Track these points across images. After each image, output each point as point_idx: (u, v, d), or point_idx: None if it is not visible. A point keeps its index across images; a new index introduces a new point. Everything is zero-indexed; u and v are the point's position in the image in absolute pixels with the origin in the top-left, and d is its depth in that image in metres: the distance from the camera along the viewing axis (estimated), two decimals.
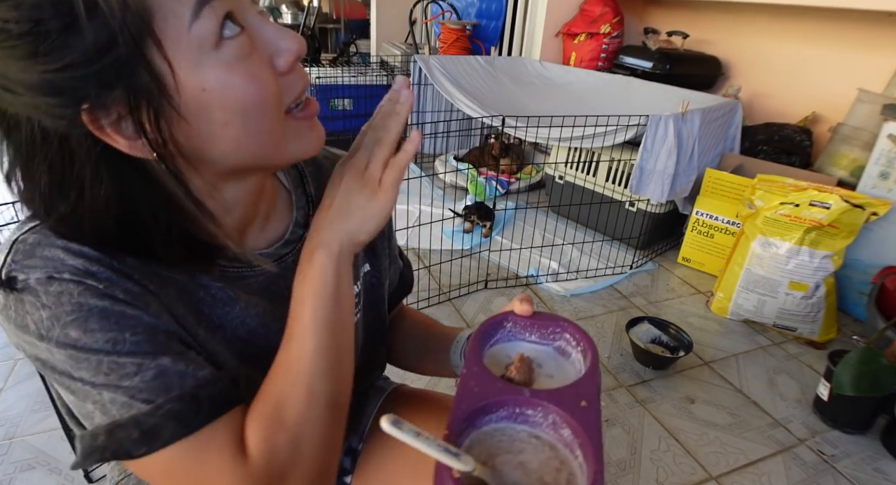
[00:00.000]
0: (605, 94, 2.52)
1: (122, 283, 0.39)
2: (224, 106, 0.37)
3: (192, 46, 0.35)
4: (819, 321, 1.66)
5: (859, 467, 1.25)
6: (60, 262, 0.37)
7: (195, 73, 0.35)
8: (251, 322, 0.48)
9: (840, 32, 2.14)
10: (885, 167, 1.72)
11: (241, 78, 0.37)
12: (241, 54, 0.37)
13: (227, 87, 0.36)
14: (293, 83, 0.41)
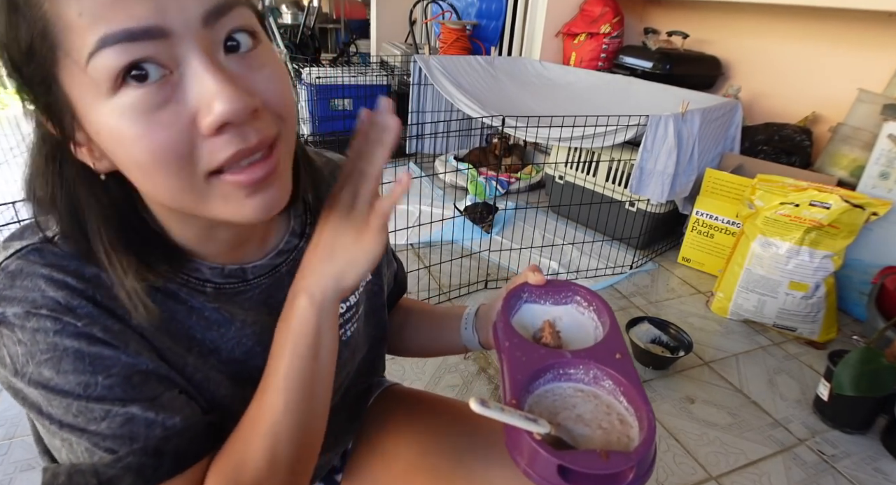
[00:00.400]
0: (605, 94, 2.52)
1: (102, 319, 0.37)
2: (117, 156, 0.34)
3: (89, 84, 0.31)
4: (819, 321, 1.66)
5: (859, 467, 1.25)
6: (41, 294, 0.36)
7: (91, 113, 0.32)
8: (248, 342, 0.47)
9: (840, 32, 2.14)
10: (885, 167, 1.72)
11: (134, 131, 0.31)
12: (144, 106, 0.31)
13: (117, 139, 0.32)
14: (222, 146, 0.33)
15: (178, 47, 0.31)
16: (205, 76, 0.31)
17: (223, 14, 0.32)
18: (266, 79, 0.35)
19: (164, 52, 0.31)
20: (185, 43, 0.31)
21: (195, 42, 0.31)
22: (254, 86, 0.34)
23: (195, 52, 0.31)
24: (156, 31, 0.30)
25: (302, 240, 0.52)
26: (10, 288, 0.36)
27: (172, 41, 0.31)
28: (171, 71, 0.31)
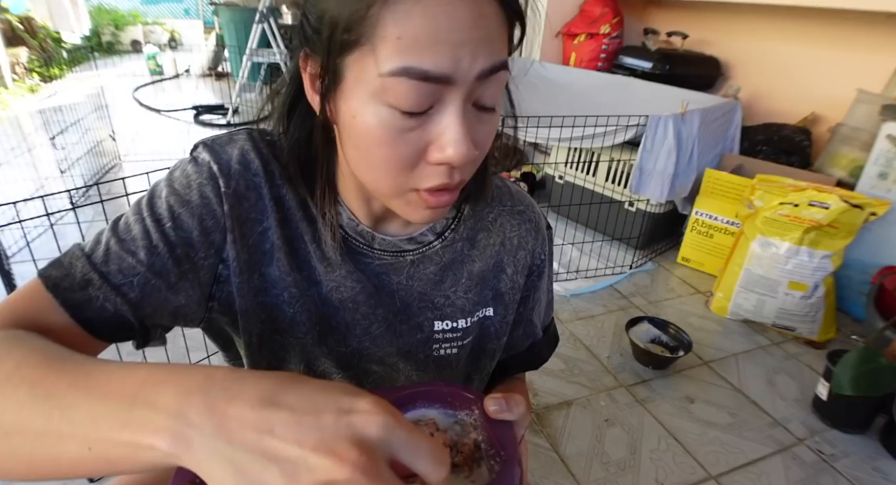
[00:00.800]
0: (605, 94, 2.52)
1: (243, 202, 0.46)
2: (355, 141, 0.40)
3: (370, 82, 0.36)
4: (818, 321, 1.66)
5: (858, 466, 1.26)
6: (230, 157, 0.46)
7: (354, 98, 0.38)
8: (345, 292, 0.50)
9: (839, 33, 2.14)
10: (883, 167, 1.73)
11: (381, 138, 0.37)
12: (400, 127, 0.37)
13: (365, 134, 0.38)
14: (434, 175, 0.39)
15: (449, 92, 0.36)
16: (453, 123, 0.37)
17: (492, 74, 0.37)
18: (486, 136, 0.41)
19: (438, 94, 0.36)
20: (456, 91, 0.36)
21: (463, 91, 0.37)
22: (476, 137, 0.39)
23: (457, 101, 0.37)
24: (445, 79, 0.35)
25: (437, 239, 0.53)
26: (224, 146, 0.47)
27: (449, 88, 0.36)
28: (432, 107, 0.37)
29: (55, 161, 2.56)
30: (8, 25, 4.34)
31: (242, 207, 0.46)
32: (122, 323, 0.41)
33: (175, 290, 0.43)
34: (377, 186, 0.42)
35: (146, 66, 5.11)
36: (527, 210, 0.57)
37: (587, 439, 1.28)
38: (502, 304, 0.57)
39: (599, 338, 1.66)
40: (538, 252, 0.58)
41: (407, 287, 0.52)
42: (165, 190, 0.44)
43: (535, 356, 0.64)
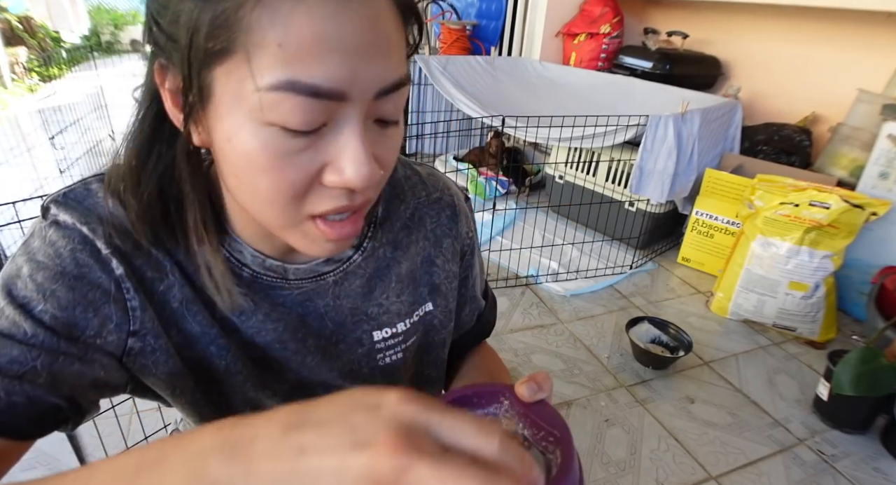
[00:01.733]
0: (605, 94, 2.52)
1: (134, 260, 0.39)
2: (235, 168, 0.34)
3: (247, 100, 0.31)
4: (819, 321, 1.66)
5: (859, 466, 1.25)
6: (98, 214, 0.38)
7: (229, 120, 0.32)
8: (267, 336, 0.46)
9: (840, 33, 2.14)
10: (884, 167, 1.73)
11: (267, 164, 0.32)
12: (289, 149, 0.32)
13: (246, 160, 0.33)
14: (331, 199, 0.35)
15: (344, 109, 0.32)
16: (352, 143, 0.32)
17: (393, 91, 0.33)
18: (390, 152, 0.37)
19: (330, 111, 0.32)
20: (352, 108, 0.32)
21: (360, 109, 0.32)
22: (379, 154, 0.35)
23: (355, 119, 0.32)
24: (338, 95, 0.31)
25: (356, 253, 0.49)
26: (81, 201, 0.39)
27: (343, 104, 0.32)
28: (324, 124, 0.32)
29: (54, 161, 2.56)
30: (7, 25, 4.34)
31: (135, 265, 0.39)
32: (43, 410, 0.36)
33: (87, 361, 0.38)
34: (266, 219, 0.36)
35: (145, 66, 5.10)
36: (443, 195, 0.54)
37: (587, 439, 1.28)
38: (440, 295, 0.55)
39: (599, 338, 1.66)
40: (464, 233, 0.56)
41: (336, 307, 0.49)
42: (26, 267, 0.37)
43: (485, 325, 0.64)
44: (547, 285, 1.92)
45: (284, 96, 0.30)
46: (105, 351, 0.39)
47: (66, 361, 0.37)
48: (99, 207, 0.39)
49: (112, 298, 0.39)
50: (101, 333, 0.38)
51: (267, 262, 0.44)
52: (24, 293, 0.36)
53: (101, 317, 0.38)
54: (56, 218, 0.38)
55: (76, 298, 0.37)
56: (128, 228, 0.39)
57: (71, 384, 0.37)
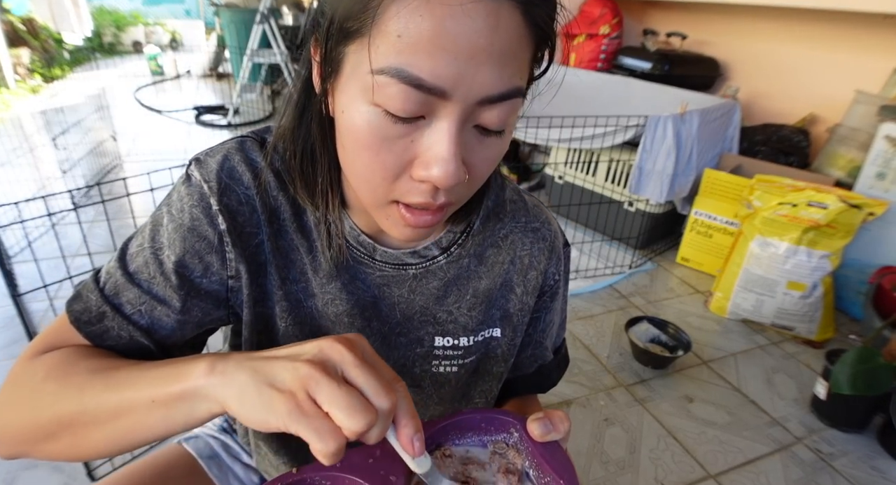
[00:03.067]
0: (605, 94, 2.53)
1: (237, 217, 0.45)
2: (343, 135, 0.38)
3: (362, 78, 0.34)
4: (817, 321, 1.67)
5: (856, 465, 1.26)
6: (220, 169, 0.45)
7: (345, 94, 0.36)
8: (340, 305, 0.48)
9: (837, 34, 2.15)
10: (881, 168, 1.73)
11: (368, 141, 0.35)
12: (388, 133, 0.34)
13: (352, 133, 0.36)
14: (417, 193, 0.37)
15: (444, 107, 0.33)
16: (443, 141, 0.34)
17: (498, 102, 0.34)
18: (484, 161, 0.38)
19: (431, 105, 0.33)
20: (452, 107, 0.33)
21: (460, 109, 0.33)
22: (472, 160, 0.36)
23: (452, 118, 0.33)
24: (440, 93, 0.32)
25: (442, 255, 0.50)
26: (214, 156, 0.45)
27: (444, 102, 0.33)
28: (423, 117, 0.34)
29: (57, 161, 2.57)
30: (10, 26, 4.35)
31: (237, 222, 0.45)
32: (140, 348, 0.44)
33: (184, 311, 0.45)
34: (361, 192, 0.40)
35: (147, 67, 5.12)
36: (542, 228, 0.54)
37: (586, 439, 1.29)
38: (510, 325, 0.54)
39: (599, 338, 1.67)
40: (551, 272, 0.55)
41: (408, 300, 0.50)
42: (166, 217, 0.45)
43: (544, 379, 0.61)
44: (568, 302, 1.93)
45: (391, 81, 0.32)
46: (208, 294, 0.46)
47: (166, 311, 0.44)
48: (227, 164, 0.45)
49: (214, 249, 0.44)
50: (205, 275, 0.45)
51: (361, 236, 0.47)
52: (161, 240, 0.44)
53: (205, 263, 0.45)
54: (191, 174, 0.45)
55: (187, 247, 0.44)
56: (247, 183, 0.45)
57: (167, 329, 0.45)
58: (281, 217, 0.47)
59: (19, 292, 0.96)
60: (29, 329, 1.00)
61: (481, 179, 0.39)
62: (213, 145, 0.47)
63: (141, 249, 0.45)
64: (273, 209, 0.46)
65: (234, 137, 0.48)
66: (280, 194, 0.46)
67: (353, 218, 0.47)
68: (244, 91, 3.72)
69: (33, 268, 1.03)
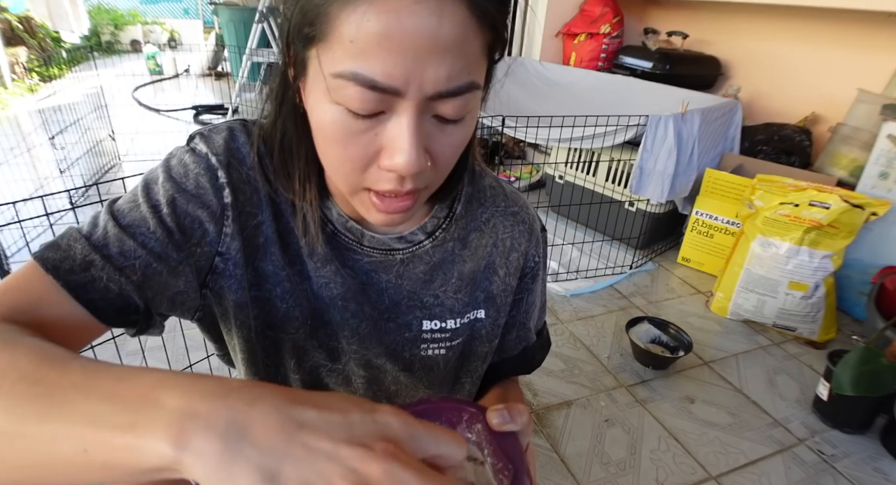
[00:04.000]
0: (605, 94, 2.52)
1: (239, 195, 0.45)
2: (315, 131, 0.40)
3: (322, 80, 0.36)
4: (819, 321, 1.66)
5: (859, 466, 1.26)
6: (226, 147, 0.46)
7: (312, 94, 0.38)
8: (335, 289, 0.50)
9: (840, 33, 2.14)
10: (884, 167, 1.73)
11: (334, 137, 0.38)
12: (351, 129, 0.36)
13: (321, 129, 0.39)
14: (384, 181, 0.39)
15: (400, 103, 0.35)
16: (403, 134, 0.36)
17: (451, 97, 0.36)
18: (447, 147, 0.39)
19: (388, 102, 0.35)
20: (408, 102, 0.35)
21: (415, 106, 0.35)
22: (433, 147, 0.38)
23: (409, 113, 0.35)
24: (394, 91, 0.34)
25: (427, 239, 0.52)
26: (219, 133, 0.47)
27: (400, 98, 0.35)
28: (383, 112, 0.36)
29: (54, 161, 2.56)
30: (7, 25, 4.34)
31: (239, 200, 0.46)
32: (126, 305, 0.40)
33: (175, 274, 0.43)
34: (337, 182, 0.43)
35: (146, 66, 5.11)
36: (521, 211, 0.57)
37: (587, 440, 1.28)
38: (494, 306, 0.56)
39: (599, 338, 1.66)
40: (531, 254, 0.57)
41: (396, 286, 0.52)
42: (162, 176, 0.44)
43: (528, 360, 0.63)
44: (547, 285, 1.92)
45: (347, 84, 0.34)
46: (196, 264, 0.44)
47: (159, 269, 0.42)
48: (232, 143, 0.46)
49: (215, 219, 0.44)
50: (199, 243, 0.44)
51: (349, 223, 0.49)
52: (157, 196, 0.43)
53: (202, 231, 0.44)
54: (196, 147, 0.46)
55: (189, 211, 0.43)
56: (251, 164, 0.46)
57: (154, 290, 0.42)
58: (280, 200, 0.48)
59: None
60: None
61: (448, 163, 0.41)
62: (217, 124, 0.48)
63: (134, 205, 0.43)
64: (272, 191, 0.48)
65: (235, 118, 0.49)
66: (279, 178, 0.48)
67: (340, 205, 0.49)
68: (243, 90, 3.70)
69: None
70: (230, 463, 0.23)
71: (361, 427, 0.25)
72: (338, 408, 0.25)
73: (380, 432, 0.25)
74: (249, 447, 0.23)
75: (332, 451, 0.23)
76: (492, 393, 0.62)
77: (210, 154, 0.45)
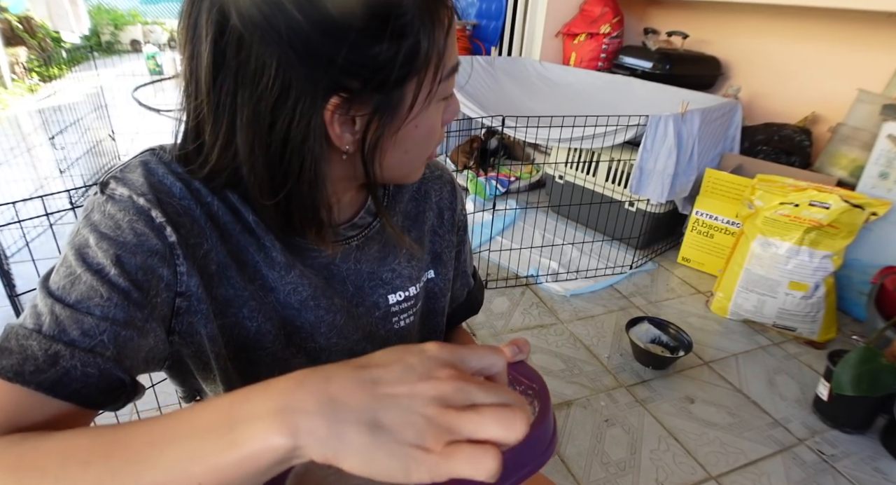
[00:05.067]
0: (605, 94, 2.52)
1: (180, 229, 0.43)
2: (417, 139, 0.45)
3: (433, 94, 0.43)
4: (819, 321, 1.66)
5: (859, 466, 1.26)
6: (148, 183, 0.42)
7: (421, 113, 0.43)
8: (303, 292, 0.50)
9: (840, 32, 2.14)
10: (884, 167, 1.73)
11: (436, 124, 0.46)
12: (440, 110, 0.46)
13: (429, 126, 0.45)
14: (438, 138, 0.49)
15: None
16: (455, 98, 0.49)
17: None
18: None
19: None
20: None
21: None
22: None
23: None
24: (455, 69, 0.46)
25: (375, 220, 0.55)
26: (135, 175, 0.43)
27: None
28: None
29: (54, 161, 2.56)
30: (7, 25, 4.34)
31: (182, 234, 0.43)
32: (110, 383, 0.38)
33: (144, 333, 0.40)
34: (414, 169, 0.49)
35: (146, 66, 5.11)
36: (443, 174, 0.63)
37: (587, 440, 1.28)
38: (441, 263, 0.62)
39: (599, 338, 1.66)
40: (459, 208, 0.64)
41: (356, 271, 0.54)
42: (92, 237, 0.40)
43: (474, 302, 0.71)
44: (547, 285, 1.92)
45: (452, 76, 0.44)
46: (159, 316, 0.42)
47: (128, 335, 0.39)
48: (152, 177, 0.43)
49: (166, 262, 0.42)
50: (157, 293, 0.42)
51: None
52: (97, 260, 0.39)
53: (157, 278, 0.42)
54: (113, 193, 0.42)
55: (138, 263, 0.40)
56: (181, 193, 0.44)
57: (131, 358, 0.40)
58: (223, 220, 0.46)
59: (17, 293, 0.95)
60: None
61: None
62: (123, 163, 0.45)
63: (74, 278, 0.39)
64: (213, 214, 0.45)
65: (141, 152, 0.46)
66: (214, 199, 0.45)
67: None
68: None
69: (31, 268, 1.02)
70: (338, 430, 0.26)
71: (421, 366, 0.29)
72: (394, 360, 0.30)
73: (436, 364, 0.30)
74: (346, 412, 0.27)
75: (410, 390, 0.28)
76: (455, 340, 0.69)
77: (134, 195, 0.41)
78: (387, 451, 0.26)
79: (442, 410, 0.27)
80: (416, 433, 0.26)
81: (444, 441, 0.26)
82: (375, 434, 0.26)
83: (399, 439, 0.26)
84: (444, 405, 0.27)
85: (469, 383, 0.29)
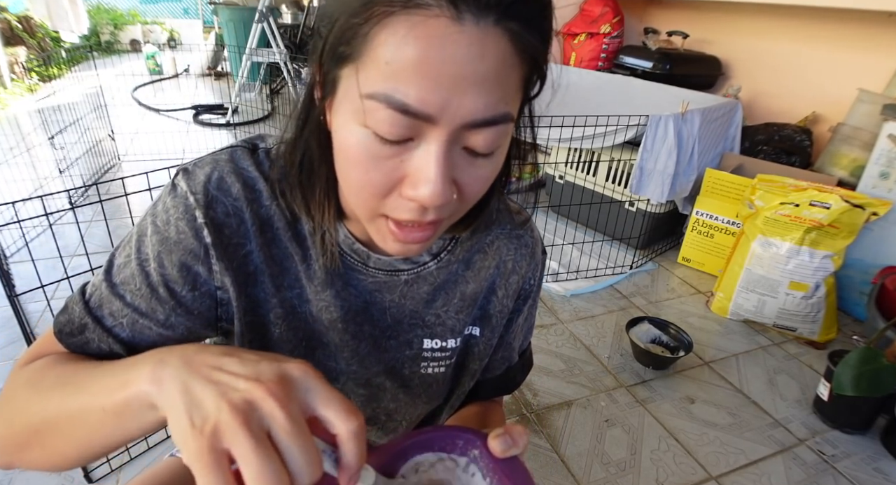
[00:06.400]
0: (605, 94, 2.52)
1: (223, 229, 0.45)
2: (337, 151, 0.39)
3: (353, 100, 0.35)
4: (819, 321, 1.66)
5: (859, 467, 1.25)
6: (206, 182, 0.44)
7: (340, 113, 0.37)
8: (334, 312, 0.49)
9: (840, 32, 2.14)
10: (885, 167, 1.73)
11: (359, 159, 0.36)
12: (378, 154, 0.35)
13: (345, 150, 0.37)
14: (405, 209, 0.37)
15: (431, 130, 0.34)
16: (430, 163, 0.34)
17: (483, 127, 0.35)
18: (475, 180, 0.38)
19: (419, 129, 0.34)
20: (439, 130, 0.34)
21: (446, 134, 0.34)
22: (461, 179, 0.37)
23: (439, 141, 0.34)
24: (426, 117, 0.33)
25: (432, 260, 0.52)
26: (203, 167, 0.45)
27: (431, 126, 0.34)
28: (412, 139, 0.35)
29: (54, 161, 2.56)
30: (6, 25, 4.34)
31: (223, 234, 0.45)
32: None
33: (167, 326, 0.45)
34: (353, 205, 0.41)
35: (145, 66, 5.10)
36: (525, 234, 0.57)
37: (587, 440, 1.28)
38: (489, 326, 0.57)
39: (599, 338, 1.66)
40: (529, 278, 0.58)
41: (399, 305, 0.52)
42: (150, 228, 0.44)
43: (510, 381, 0.64)
44: (547, 285, 1.92)
45: (379, 106, 0.33)
46: (195, 308, 0.46)
47: (147, 324, 0.44)
48: (214, 175, 0.45)
49: (200, 260, 0.44)
50: (194, 288, 0.45)
51: (355, 245, 0.48)
52: (145, 251, 0.44)
53: (193, 275, 0.45)
54: (178, 184, 0.45)
55: (174, 260, 0.44)
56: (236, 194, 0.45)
57: (148, 344, 0.44)
58: (274, 226, 0.47)
59: (16, 293, 0.95)
60: (26, 330, 0.99)
61: (474, 196, 0.40)
62: (203, 155, 0.47)
63: (128, 260, 0.45)
64: (265, 218, 0.46)
65: (225, 147, 0.48)
66: (273, 203, 0.46)
67: (348, 226, 0.48)
68: (243, 90, 3.70)
69: (30, 268, 1.02)
70: (171, 385, 0.31)
71: (265, 370, 0.31)
72: (258, 359, 0.32)
73: (278, 374, 0.30)
74: (186, 374, 0.31)
75: (231, 381, 0.30)
76: (471, 410, 0.62)
77: (189, 193, 0.44)
78: (180, 414, 0.29)
79: (232, 413, 0.28)
80: (201, 416, 0.29)
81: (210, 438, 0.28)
82: (183, 395, 0.30)
83: (187, 411, 0.29)
84: (236, 410, 0.28)
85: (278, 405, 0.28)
